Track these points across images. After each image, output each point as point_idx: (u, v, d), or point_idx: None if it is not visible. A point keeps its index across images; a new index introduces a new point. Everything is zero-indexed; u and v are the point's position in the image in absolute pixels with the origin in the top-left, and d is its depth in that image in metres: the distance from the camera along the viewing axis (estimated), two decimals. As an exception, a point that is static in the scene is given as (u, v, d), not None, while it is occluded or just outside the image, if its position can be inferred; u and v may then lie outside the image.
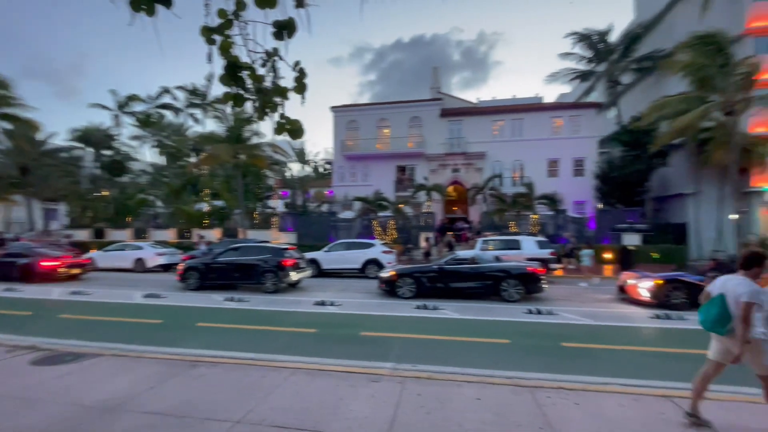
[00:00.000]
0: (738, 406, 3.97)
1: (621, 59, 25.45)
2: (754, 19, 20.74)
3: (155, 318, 8.25)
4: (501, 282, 9.88)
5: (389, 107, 30.39)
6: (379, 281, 10.82)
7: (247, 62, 2.87)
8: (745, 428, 3.53)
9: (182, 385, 4.49)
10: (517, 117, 27.99)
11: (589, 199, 25.95)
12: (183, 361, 5.37)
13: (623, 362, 5.53)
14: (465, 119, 28.62)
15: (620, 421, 3.61)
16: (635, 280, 9.77)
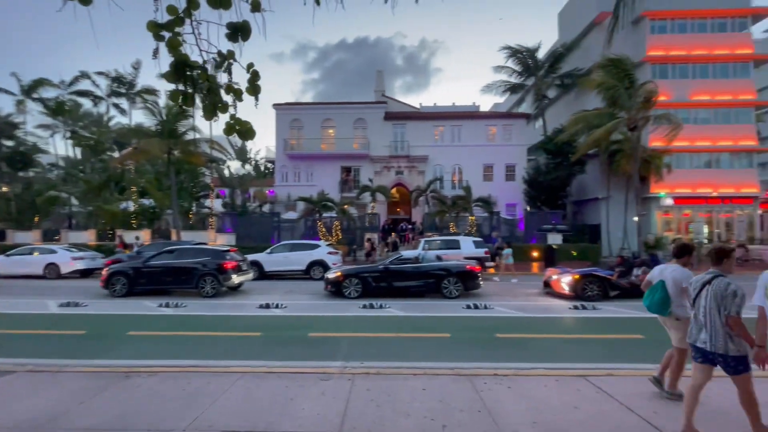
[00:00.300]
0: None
1: (547, 75, 27.95)
2: (651, 48, 24.01)
3: (77, 329, 7.51)
4: (442, 280, 10.44)
5: (334, 108, 30.29)
6: (326, 282, 10.84)
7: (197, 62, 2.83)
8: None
9: (117, 398, 4.21)
10: (456, 123, 29.45)
11: (519, 201, 28.11)
12: (114, 372, 5.01)
13: (547, 348, 6.20)
14: (408, 123, 29.47)
15: (544, 400, 4.10)
16: (557, 275, 10.88)
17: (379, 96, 31.79)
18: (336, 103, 31.21)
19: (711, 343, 3.24)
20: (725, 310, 3.16)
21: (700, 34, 24.13)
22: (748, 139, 23.99)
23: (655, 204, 23.78)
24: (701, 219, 24.31)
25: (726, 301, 3.16)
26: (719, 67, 24.20)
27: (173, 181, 20.89)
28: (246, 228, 23.76)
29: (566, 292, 10.39)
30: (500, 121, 29.59)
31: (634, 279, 10.42)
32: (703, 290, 3.34)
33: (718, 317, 3.22)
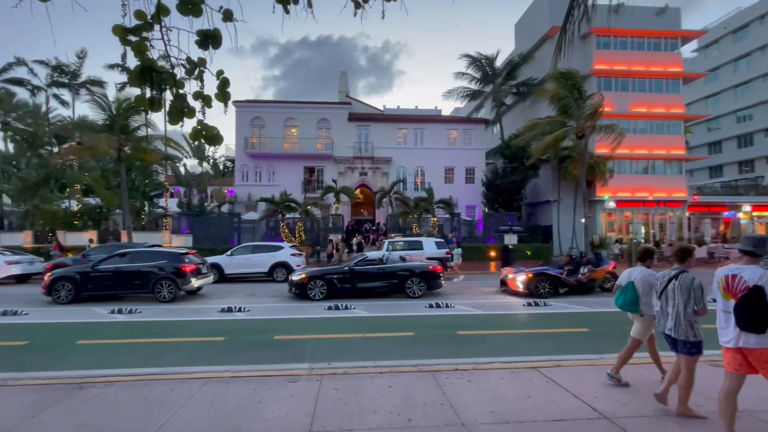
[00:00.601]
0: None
1: (504, 83, 29.27)
2: (597, 62, 25.87)
3: (17, 339, 6.97)
4: (406, 280, 10.71)
5: (297, 107, 29.89)
6: (290, 284, 10.76)
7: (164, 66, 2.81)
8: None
9: (72, 410, 4.02)
10: (419, 127, 30.08)
11: (478, 203, 29.23)
12: (66, 384, 4.75)
13: (504, 343, 6.60)
14: (372, 125, 29.69)
15: (500, 391, 4.42)
16: (513, 274, 11.51)
17: (343, 97, 31.76)
18: (299, 102, 30.81)
19: (675, 330, 3.66)
20: (696, 303, 3.57)
21: (638, 52, 26.35)
22: (678, 148, 26.52)
23: (600, 207, 25.64)
24: (639, 220, 26.54)
25: (695, 294, 3.57)
26: (654, 82, 26.56)
27: (124, 179, 19.69)
28: (204, 229, 22.87)
29: (521, 290, 11.02)
30: (461, 126, 30.61)
31: (581, 277, 11.26)
32: (670, 284, 3.74)
33: (683, 308, 3.61)
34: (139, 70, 2.70)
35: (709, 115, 37.55)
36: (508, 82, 29.28)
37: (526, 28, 30.69)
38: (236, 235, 22.74)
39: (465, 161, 29.67)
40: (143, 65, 2.71)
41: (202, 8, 2.76)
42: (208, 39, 2.77)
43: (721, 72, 38.74)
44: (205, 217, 25.18)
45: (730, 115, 38.13)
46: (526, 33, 30.57)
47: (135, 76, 2.70)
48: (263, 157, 28.70)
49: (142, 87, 2.75)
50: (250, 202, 28.14)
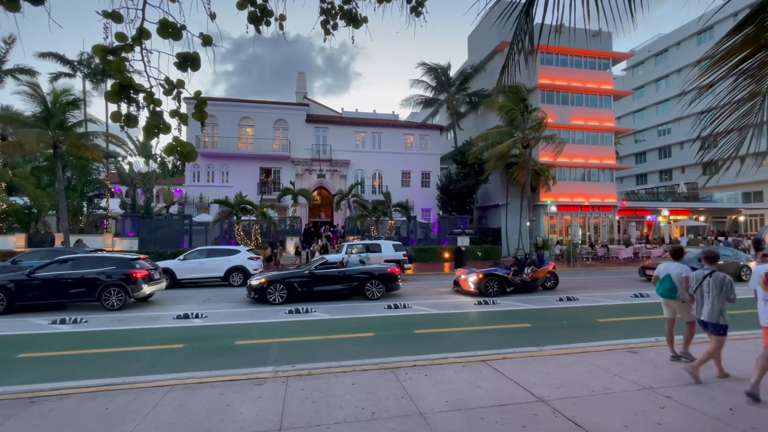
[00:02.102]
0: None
1: (458, 92, 30.61)
2: (541, 77, 27.88)
3: (-55, 355, 6.39)
4: (366, 283, 11.03)
5: (254, 106, 29.15)
6: (249, 289, 10.67)
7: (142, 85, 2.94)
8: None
9: (28, 426, 3.90)
10: (376, 131, 30.56)
11: (433, 206, 30.25)
12: (15, 399, 4.55)
13: (457, 340, 7.14)
14: (330, 127, 29.71)
15: (454, 382, 4.88)
16: (465, 275, 12.22)
17: (300, 98, 31.44)
18: (255, 101, 30.04)
19: (709, 316, 4.75)
20: (728, 294, 4.71)
21: (576, 69, 28.78)
22: (610, 158, 29.29)
23: (543, 210, 27.64)
24: (577, 223, 28.93)
25: (726, 288, 4.70)
26: (590, 97, 29.14)
27: (60, 178, 18.14)
28: (151, 232, 21.63)
29: (472, 290, 11.75)
30: (417, 131, 31.52)
31: (525, 277, 12.22)
32: (705, 280, 4.84)
33: (716, 299, 4.71)
34: (118, 88, 2.81)
35: (635, 129, 41.81)
36: (461, 92, 30.66)
37: (478, 40, 32.32)
38: (187, 239, 21.77)
39: (421, 166, 30.61)
40: (121, 83, 2.82)
41: (182, 33, 2.92)
42: (187, 61, 2.94)
43: (645, 90, 43.21)
44: (153, 218, 23.80)
45: (652, 129, 42.63)
46: (478, 45, 32.19)
47: (113, 93, 2.80)
48: (216, 157, 27.68)
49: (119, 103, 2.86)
50: (202, 204, 27.02)
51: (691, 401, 4.31)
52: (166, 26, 2.87)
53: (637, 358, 5.72)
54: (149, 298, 11.22)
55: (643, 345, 6.44)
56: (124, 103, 2.85)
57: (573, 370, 5.27)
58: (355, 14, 3.56)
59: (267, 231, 22.93)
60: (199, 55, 2.95)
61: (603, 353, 6.02)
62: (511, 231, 27.35)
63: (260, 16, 3.27)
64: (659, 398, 4.40)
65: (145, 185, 29.71)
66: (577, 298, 11.09)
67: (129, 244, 20.26)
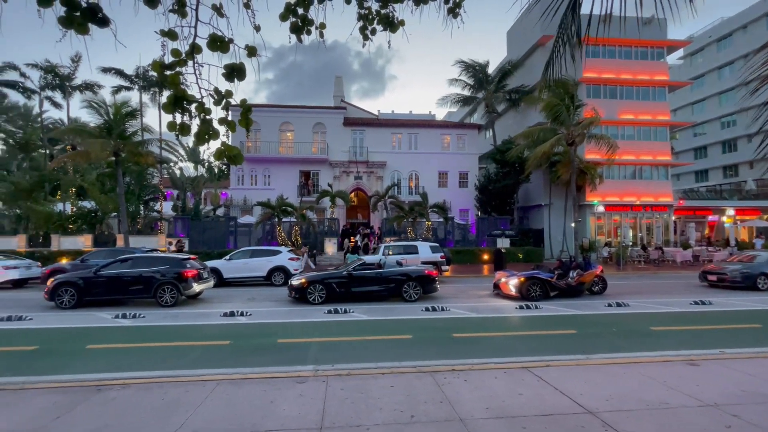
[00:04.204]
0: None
1: (496, 90, 29.86)
2: (587, 71, 26.52)
3: (26, 344, 7.15)
4: (403, 284, 11.05)
5: (293, 111, 30.13)
6: (290, 289, 11.04)
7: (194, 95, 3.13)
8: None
9: (94, 412, 4.27)
10: (413, 131, 30.50)
11: (471, 207, 29.70)
12: (84, 387, 4.99)
13: (497, 345, 6.96)
14: (367, 129, 30.04)
15: (494, 389, 4.76)
16: (506, 278, 11.89)
17: (338, 102, 32.08)
18: (295, 106, 31.04)
19: None
20: None
21: (626, 61, 27.10)
22: (665, 154, 27.29)
23: (590, 210, 26.26)
24: (627, 224, 27.21)
25: None
26: (641, 90, 27.32)
27: (121, 183, 19.73)
28: (199, 233, 22.96)
29: (513, 294, 11.41)
30: (454, 131, 31.09)
31: (570, 280, 11.67)
32: None
33: None
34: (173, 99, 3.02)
35: (694, 122, 38.59)
36: (500, 89, 29.88)
37: (518, 36, 31.35)
38: (232, 239, 22.88)
39: (458, 166, 30.17)
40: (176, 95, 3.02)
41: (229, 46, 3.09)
42: (233, 72, 3.11)
43: (706, 79, 39.84)
44: (201, 220, 25.25)
45: (714, 121, 39.21)
46: (518, 41, 31.22)
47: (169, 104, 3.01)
48: (259, 161, 28.88)
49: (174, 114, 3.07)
50: (246, 206, 28.28)
51: (765, 422, 3.91)
52: (215, 40, 3.05)
53: (698, 372, 5.28)
54: (199, 296, 11.90)
55: (706, 357, 5.94)
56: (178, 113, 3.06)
57: (624, 381, 4.96)
58: (392, 18, 3.58)
59: (306, 232, 23.58)
60: (245, 66, 3.10)
61: (658, 364, 5.61)
62: (554, 232, 26.24)
63: (301, 25, 3.38)
64: (725, 417, 4.04)
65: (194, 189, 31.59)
66: (628, 304, 10.45)
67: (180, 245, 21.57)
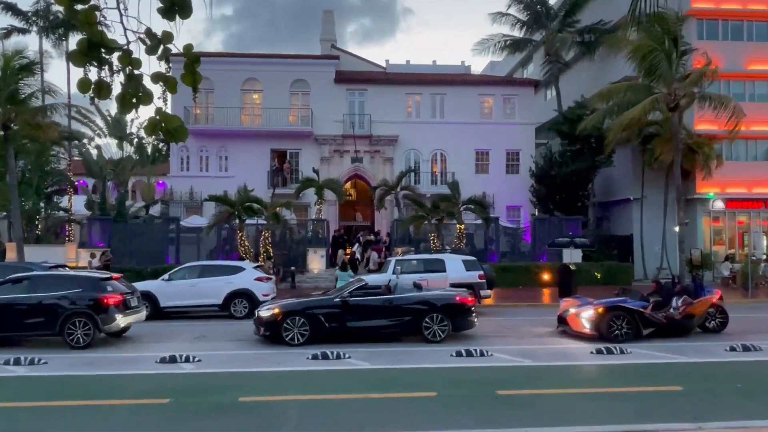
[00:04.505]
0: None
1: (562, 28, 29.68)
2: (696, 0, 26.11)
3: None
4: (423, 317, 11.01)
5: (261, 63, 30.43)
6: (257, 323, 11.10)
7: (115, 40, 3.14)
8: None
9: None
10: (438, 91, 30.55)
11: (524, 203, 29.64)
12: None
13: (562, 407, 6.90)
14: (370, 89, 30.16)
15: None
16: (576, 308, 11.78)
17: (327, 48, 32.20)
18: (265, 55, 31.31)
19: None
20: None
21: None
22: (818, 123, 26.77)
23: (702, 208, 25.94)
24: (759, 228, 26.79)
25: None
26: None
27: (12, 169, 20.02)
28: (125, 241, 23.30)
29: (587, 331, 11.31)
30: (499, 90, 31.01)
31: (673, 312, 11.54)
32: None
33: None
34: (86, 46, 3.04)
35: None
36: (567, 28, 29.70)
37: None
38: (173, 250, 23.15)
39: (505, 141, 30.11)
40: (91, 39, 3.05)
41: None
42: (174, 7, 3.12)
43: None
44: (128, 223, 25.56)
45: None
46: (593, -45, 30.98)
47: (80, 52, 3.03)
48: (212, 136, 29.16)
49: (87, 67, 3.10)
50: (193, 202, 28.54)
51: None
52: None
53: None
54: (125, 333, 12.00)
55: None
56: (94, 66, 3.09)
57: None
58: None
59: (281, 240, 23.72)
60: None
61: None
62: (648, 240, 25.98)
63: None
64: None
65: (118, 177, 31.92)
66: (760, 348, 10.31)
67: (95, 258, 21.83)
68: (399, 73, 32.18)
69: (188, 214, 27.72)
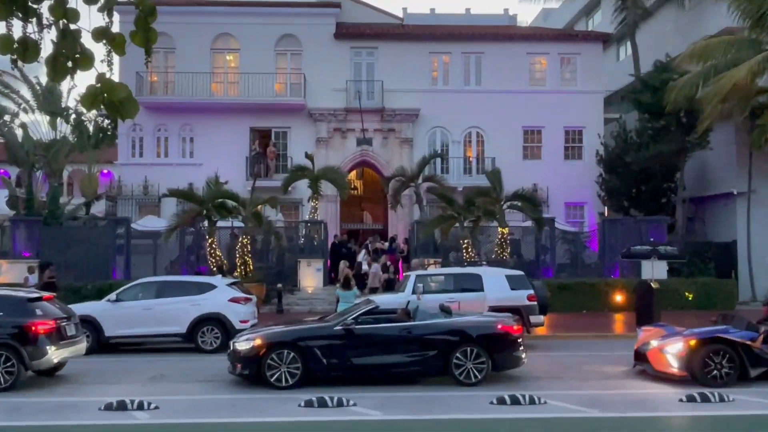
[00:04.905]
0: None
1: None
2: None
3: None
4: (453, 352, 10.90)
5: (237, 14, 30.57)
6: (233, 357, 11.09)
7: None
8: None
9: None
10: (472, 49, 30.52)
11: (589, 199, 29.41)
12: None
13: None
14: (382, 47, 30.20)
15: None
16: (659, 340, 11.62)
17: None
18: (241, 3, 31.33)
19: None
20: None
21: None
22: None
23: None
24: None
25: None
26: None
27: None
28: (60, 249, 23.44)
29: (674, 371, 11.14)
30: (555, 47, 30.82)
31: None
32: None
33: None
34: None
35: None
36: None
37: None
38: (122, 261, 23.29)
39: (564, 117, 29.98)
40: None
41: None
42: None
43: None
44: (63, 225, 25.68)
45: None
46: None
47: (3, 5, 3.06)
48: (172, 111, 29.34)
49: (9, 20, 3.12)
50: (149, 198, 28.70)
51: None
52: None
53: None
54: (58, 371, 12.07)
55: None
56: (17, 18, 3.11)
57: None
58: None
59: (264, 248, 23.74)
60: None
61: None
62: (758, 249, 25.64)
63: None
64: None
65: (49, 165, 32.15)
66: None
67: (19, 271, 21.95)
68: (421, 26, 32.00)
69: (142, 214, 27.93)
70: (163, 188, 26.16)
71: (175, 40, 29.33)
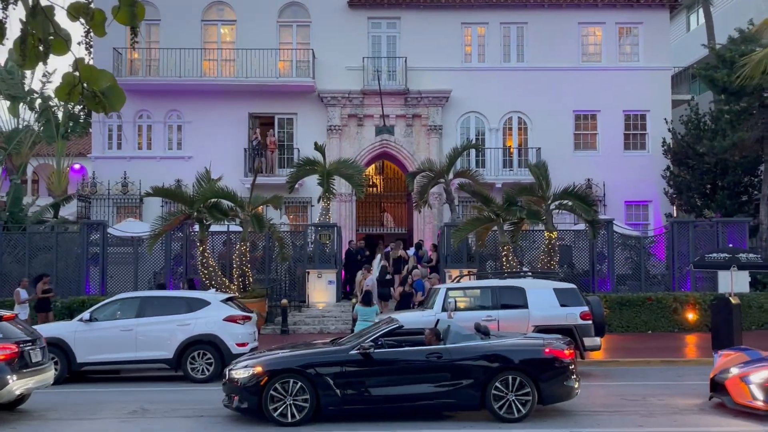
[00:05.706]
0: None
1: None
2: None
3: None
4: (492, 380, 10.84)
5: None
6: (229, 388, 11.10)
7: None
8: None
9: None
10: (514, 18, 30.49)
11: (655, 197, 29.21)
12: None
13: None
14: (405, 17, 30.23)
15: None
16: (741, 367, 11.50)
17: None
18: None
19: None
20: None
21: None
22: None
23: None
24: None
25: None
26: None
27: None
28: (23, 258, 23.64)
29: (759, 405, 11.01)
30: (613, 15, 30.62)
31: None
32: None
33: None
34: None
35: None
36: None
37: None
38: (97, 273, 23.50)
39: (624, 99, 29.85)
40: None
41: None
42: None
43: None
44: (28, 231, 25.91)
45: None
46: None
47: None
48: (157, 95, 29.56)
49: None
50: (129, 198, 28.93)
51: None
52: None
53: None
54: (21, 404, 12.17)
55: None
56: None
57: None
58: None
59: (266, 256, 23.81)
60: None
61: None
62: None
63: None
64: None
65: (10, 159, 32.54)
66: None
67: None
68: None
69: (120, 217, 28.18)
70: (146, 186, 26.14)
71: (160, 10, 29.54)
